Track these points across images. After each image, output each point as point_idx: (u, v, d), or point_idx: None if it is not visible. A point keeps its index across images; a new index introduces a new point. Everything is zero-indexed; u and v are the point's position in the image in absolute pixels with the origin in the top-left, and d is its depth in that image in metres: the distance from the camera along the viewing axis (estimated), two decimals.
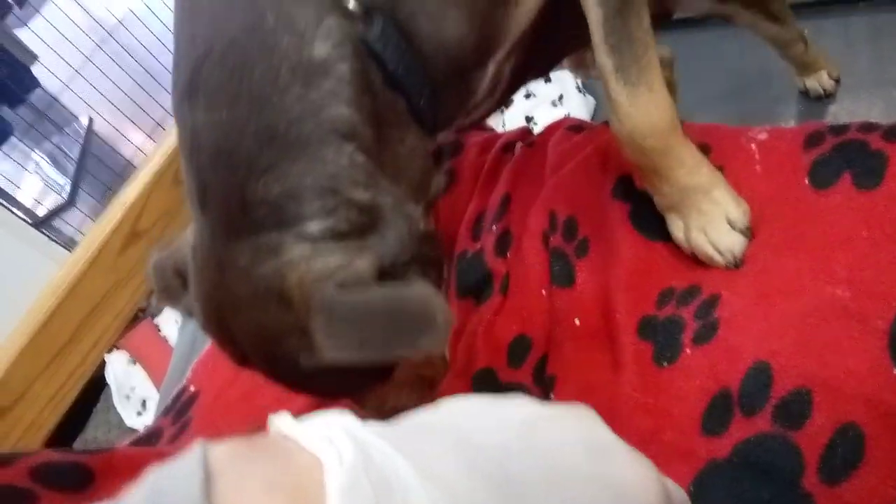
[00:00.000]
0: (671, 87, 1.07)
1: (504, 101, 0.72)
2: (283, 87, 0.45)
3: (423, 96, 0.51)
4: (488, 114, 0.73)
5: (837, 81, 1.13)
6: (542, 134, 0.97)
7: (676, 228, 0.66)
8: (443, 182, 0.55)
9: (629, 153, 0.65)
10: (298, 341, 0.44)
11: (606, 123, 0.89)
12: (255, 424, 0.46)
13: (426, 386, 0.62)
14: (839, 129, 0.64)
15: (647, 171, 0.65)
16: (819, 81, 1.12)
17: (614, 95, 0.61)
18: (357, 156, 0.46)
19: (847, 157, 0.61)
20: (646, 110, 0.60)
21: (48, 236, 1.71)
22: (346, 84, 0.46)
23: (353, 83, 0.46)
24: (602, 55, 0.60)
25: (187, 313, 0.55)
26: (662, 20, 0.87)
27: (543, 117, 1.48)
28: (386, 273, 0.46)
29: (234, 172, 0.45)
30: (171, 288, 0.56)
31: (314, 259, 0.44)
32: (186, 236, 0.52)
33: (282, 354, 0.47)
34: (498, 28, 0.55)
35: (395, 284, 0.46)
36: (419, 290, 0.43)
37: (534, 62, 0.69)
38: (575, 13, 0.61)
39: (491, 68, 0.59)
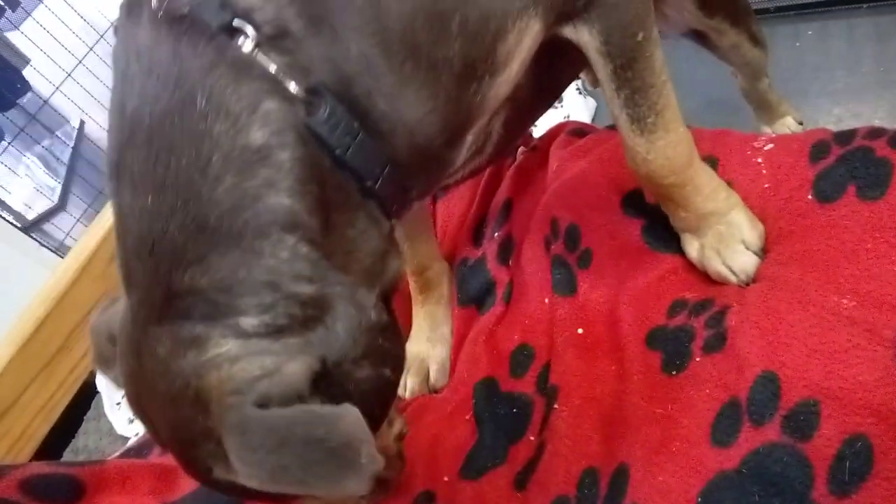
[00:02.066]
0: None
1: (500, 155, 0.68)
2: (213, 176, 0.41)
3: (380, 177, 0.46)
4: (483, 169, 0.69)
5: (801, 125, 1.13)
6: (543, 138, 0.96)
7: (691, 248, 0.66)
8: (400, 266, 0.51)
9: (646, 186, 0.65)
10: (214, 450, 0.41)
11: (609, 128, 0.89)
12: None
13: None
14: (845, 138, 0.64)
15: (664, 199, 0.66)
16: (788, 127, 1.13)
17: (631, 144, 0.60)
18: (300, 247, 0.42)
19: (852, 167, 0.61)
20: (664, 154, 0.60)
21: (38, 241, 1.69)
22: (287, 172, 0.42)
23: (294, 171, 0.42)
24: (616, 108, 0.59)
25: (117, 385, 0.51)
26: None
27: (544, 119, 1.48)
28: (329, 374, 0.42)
29: (158, 262, 0.42)
30: (105, 355, 0.52)
31: (239, 361, 0.40)
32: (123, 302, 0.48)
33: (196, 458, 0.43)
34: (470, 105, 0.51)
35: (321, 407, 0.41)
36: (347, 422, 0.39)
37: (530, 111, 0.66)
38: (571, 54, 0.58)
39: (469, 138, 0.55)
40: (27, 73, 2.41)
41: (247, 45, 0.42)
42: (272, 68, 0.42)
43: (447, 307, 0.86)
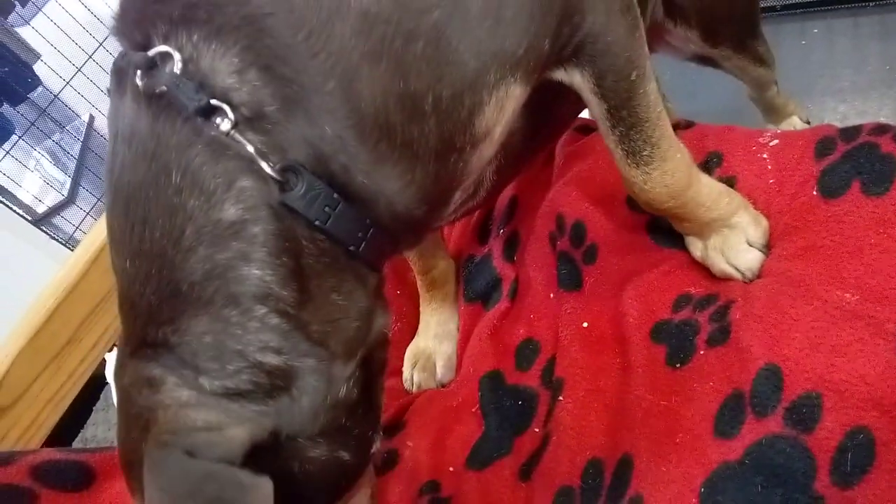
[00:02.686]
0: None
1: (494, 198, 0.67)
2: (186, 247, 0.42)
3: (363, 241, 0.47)
4: (476, 210, 0.68)
5: (808, 124, 1.13)
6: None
7: (695, 248, 0.67)
8: (386, 322, 0.51)
9: (648, 210, 0.65)
10: (143, 478, 0.42)
11: None
12: None
13: None
14: (850, 134, 0.64)
15: (666, 217, 0.66)
16: (794, 126, 1.13)
17: (627, 176, 0.61)
18: (270, 318, 0.43)
19: (857, 163, 0.62)
20: (661, 182, 0.60)
21: (48, 234, 1.70)
22: (259, 246, 0.43)
23: (267, 245, 0.43)
24: (611, 143, 0.59)
25: None
26: None
27: None
28: (279, 446, 0.43)
29: (135, 317, 0.45)
30: None
31: (186, 409, 0.42)
32: None
33: (133, 478, 0.45)
34: (452, 172, 0.51)
35: (241, 472, 0.41)
36: (256, 495, 0.39)
37: (524, 155, 0.65)
38: (568, 93, 0.57)
39: (457, 195, 0.55)
40: (37, 68, 2.43)
41: (224, 125, 0.42)
42: (248, 148, 0.43)
43: (454, 304, 0.87)
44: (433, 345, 0.85)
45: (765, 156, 0.68)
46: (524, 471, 0.65)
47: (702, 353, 0.59)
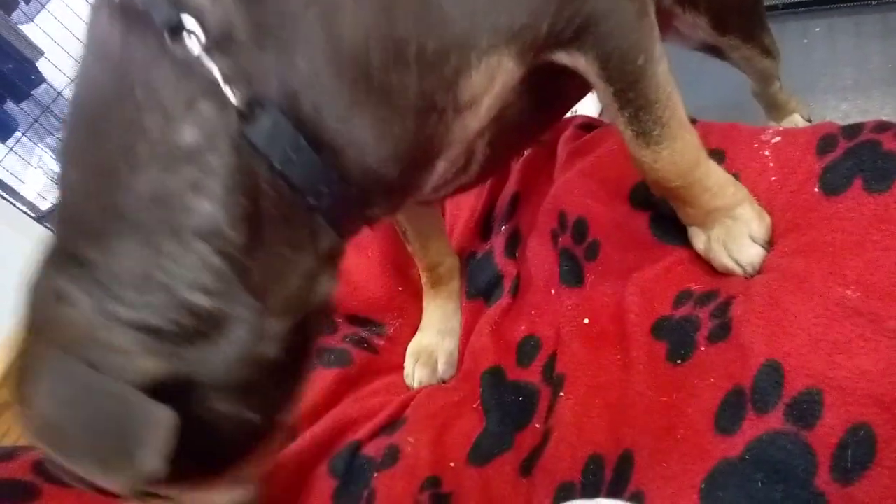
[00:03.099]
0: None
1: (493, 172, 0.65)
2: (137, 166, 0.41)
3: (328, 196, 0.44)
4: (475, 184, 0.67)
5: (809, 122, 1.13)
6: (550, 132, 0.97)
7: (698, 241, 0.67)
8: (332, 290, 0.48)
9: (654, 190, 0.65)
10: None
11: None
12: None
13: None
14: (852, 132, 0.64)
15: (671, 198, 0.66)
16: (796, 123, 1.13)
17: (637, 155, 0.60)
18: (212, 258, 0.41)
19: (859, 160, 0.62)
20: (670, 161, 0.60)
21: (52, 231, 1.70)
22: (214, 177, 0.41)
23: (222, 178, 0.41)
24: (620, 124, 0.59)
25: None
26: None
27: None
28: (186, 392, 0.40)
29: (66, 229, 0.43)
30: None
31: (96, 329, 0.39)
32: None
33: (22, 382, 0.41)
34: (432, 135, 0.48)
35: (142, 395, 0.38)
36: (155, 418, 0.37)
37: (524, 130, 0.63)
38: (574, 73, 0.55)
39: (441, 164, 0.52)
40: (41, 64, 2.42)
41: (193, 46, 0.41)
42: (214, 72, 0.41)
43: (457, 301, 0.88)
44: (436, 341, 0.85)
45: (767, 153, 0.68)
46: (525, 466, 0.65)
47: (702, 349, 0.59)
